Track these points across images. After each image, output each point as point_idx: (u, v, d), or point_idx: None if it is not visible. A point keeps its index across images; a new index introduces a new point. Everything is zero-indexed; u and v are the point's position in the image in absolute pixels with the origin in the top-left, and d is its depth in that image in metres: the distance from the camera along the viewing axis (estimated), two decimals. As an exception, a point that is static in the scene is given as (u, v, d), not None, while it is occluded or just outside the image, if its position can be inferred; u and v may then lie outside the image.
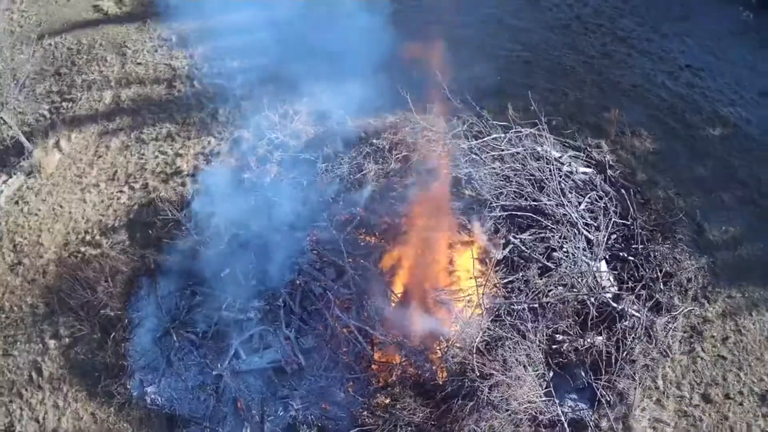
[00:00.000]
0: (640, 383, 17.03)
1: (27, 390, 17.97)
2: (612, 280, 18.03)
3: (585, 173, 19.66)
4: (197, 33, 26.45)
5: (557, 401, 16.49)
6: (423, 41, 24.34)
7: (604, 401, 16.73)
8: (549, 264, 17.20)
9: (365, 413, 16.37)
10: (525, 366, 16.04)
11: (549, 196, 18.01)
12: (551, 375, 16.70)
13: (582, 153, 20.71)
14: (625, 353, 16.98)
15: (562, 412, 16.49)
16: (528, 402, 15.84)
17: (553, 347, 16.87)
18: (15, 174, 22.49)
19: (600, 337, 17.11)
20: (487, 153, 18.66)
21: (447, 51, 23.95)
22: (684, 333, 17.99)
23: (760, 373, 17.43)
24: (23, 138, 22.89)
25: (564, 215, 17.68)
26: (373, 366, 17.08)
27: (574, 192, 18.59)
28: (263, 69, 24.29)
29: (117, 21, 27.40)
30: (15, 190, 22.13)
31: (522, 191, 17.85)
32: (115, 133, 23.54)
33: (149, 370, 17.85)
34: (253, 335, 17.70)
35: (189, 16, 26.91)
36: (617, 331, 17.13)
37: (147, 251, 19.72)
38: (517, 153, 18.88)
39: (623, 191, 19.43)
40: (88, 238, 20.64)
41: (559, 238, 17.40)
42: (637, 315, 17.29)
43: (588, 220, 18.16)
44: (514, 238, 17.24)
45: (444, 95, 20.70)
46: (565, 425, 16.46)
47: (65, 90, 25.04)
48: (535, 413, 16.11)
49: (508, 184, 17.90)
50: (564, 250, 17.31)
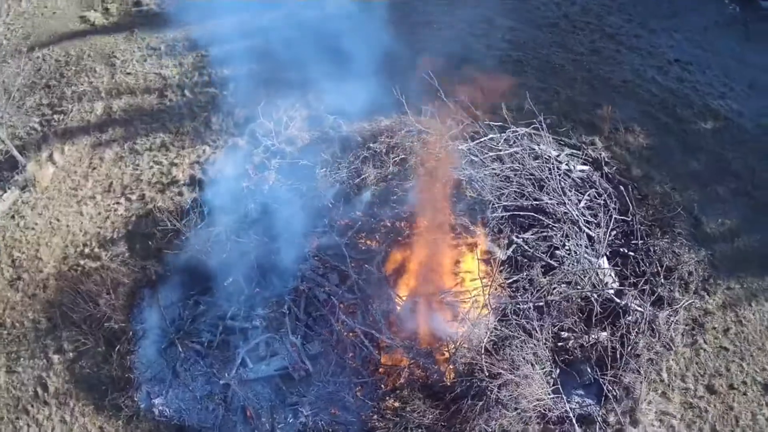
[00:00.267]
0: (645, 377, 17.22)
1: (33, 406, 17.86)
2: (614, 276, 18.20)
3: (582, 171, 19.83)
4: (187, 41, 26.37)
5: (565, 398, 16.66)
6: (414, 43, 24.70)
7: (611, 396, 16.91)
8: (552, 262, 17.34)
9: (375, 417, 16.44)
10: (532, 364, 16.18)
11: (549, 194, 18.15)
12: (558, 372, 16.87)
13: (579, 151, 20.85)
14: (630, 348, 17.16)
15: (569, 408, 16.67)
16: (537, 400, 15.98)
17: (559, 344, 17.01)
18: (9, 188, 22.31)
19: (604, 333, 17.29)
20: (486, 154, 18.71)
21: (439, 52, 24.33)
22: (686, 326, 18.22)
23: (762, 363, 17.69)
24: (15, 152, 22.72)
25: (565, 213, 17.83)
26: (381, 369, 17.14)
27: (573, 190, 18.75)
28: (255, 76, 24.30)
29: (104, 31, 27.24)
30: (10, 204, 21.96)
31: (523, 191, 17.97)
32: (109, 145, 23.41)
33: (156, 381, 17.80)
34: (259, 343, 17.68)
35: (177, 24, 27.06)
36: (621, 327, 17.31)
37: (148, 262, 19.66)
38: (516, 153, 18.98)
39: (621, 188, 19.62)
40: (87, 250, 20.53)
41: (561, 236, 17.55)
42: (640, 310, 17.47)
43: (588, 217, 18.33)
44: (516, 237, 17.36)
45: (438, 97, 20.87)
46: (574, 421, 16.63)
47: (55, 102, 24.87)
48: (544, 410, 16.27)
49: (509, 184, 18.01)
50: (566, 248, 17.47)
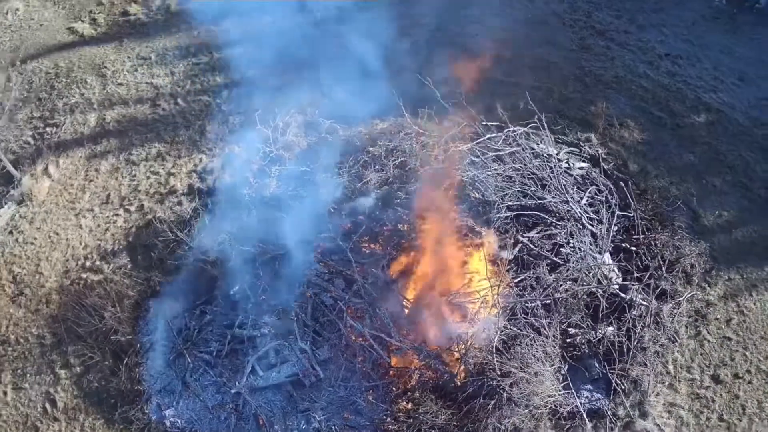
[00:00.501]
0: (652, 370, 17.46)
1: (42, 422, 17.77)
2: (617, 271, 18.40)
3: (582, 168, 20.03)
4: (177, 49, 26.29)
5: (575, 393, 16.85)
6: (405, 45, 24.74)
7: (619, 389, 17.14)
8: (557, 260, 17.51)
9: (388, 420, 16.53)
10: (542, 361, 16.33)
11: (551, 193, 18.31)
12: (566, 368, 17.05)
13: (576, 148, 21.05)
14: (636, 342, 17.38)
15: (580, 403, 16.86)
16: (548, 396, 16.15)
17: (567, 341, 17.19)
18: (6, 203, 22.13)
19: (610, 328, 17.50)
20: (487, 154, 18.83)
21: (431, 53, 24.44)
22: (689, 318, 18.50)
23: (765, 351, 18.00)
24: (10, 166, 22.53)
25: (568, 211, 18.01)
26: (391, 372, 17.23)
27: (575, 187, 18.93)
28: (248, 82, 24.28)
29: (93, 42, 27.01)
30: (7, 220, 21.77)
31: (526, 190, 18.12)
32: (104, 156, 23.26)
33: (166, 393, 17.77)
34: (269, 351, 17.70)
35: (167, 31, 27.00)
36: (627, 321, 17.51)
37: (151, 273, 19.60)
38: (516, 152, 19.13)
39: (621, 183, 19.84)
40: (88, 264, 20.43)
41: (565, 234, 17.72)
42: (645, 304, 17.70)
43: (591, 214, 18.52)
44: (522, 237, 17.51)
45: (435, 98, 20.99)
46: (584, 416, 16.84)
47: (47, 115, 24.66)
48: (555, 407, 16.45)
49: (511, 184, 18.15)
50: (571, 245, 17.64)
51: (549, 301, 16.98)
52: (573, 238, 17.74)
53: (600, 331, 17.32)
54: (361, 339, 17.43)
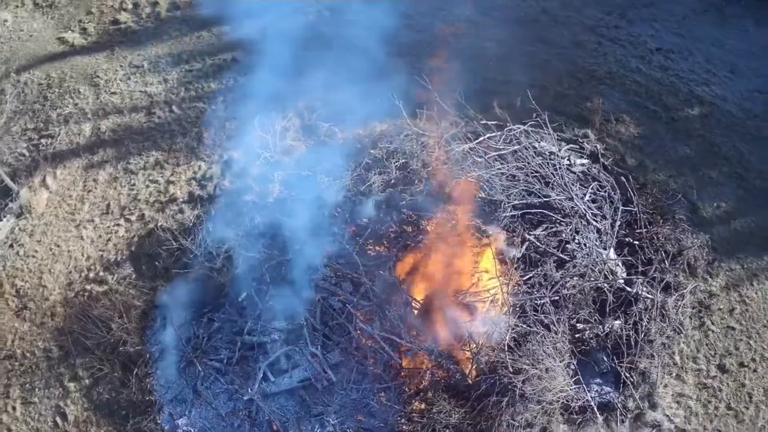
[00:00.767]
0: (659, 361, 17.70)
1: (54, 436, 17.76)
2: (621, 265, 18.62)
3: (583, 164, 20.23)
4: (170, 56, 26.21)
5: (585, 387, 17.06)
6: (397, 46, 24.80)
7: (628, 382, 17.37)
8: (564, 256, 17.69)
9: (402, 421, 16.63)
10: (553, 357, 16.50)
11: (555, 190, 18.48)
12: (575, 363, 17.24)
13: (576, 144, 21.24)
14: (643, 334, 17.61)
15: (590, 397, 17.07)
16: (560, 391, 16.32)
17: (576, 336, 17.38)
18: (5, 217, 21.94)
19: (617, 322, 17.72)
20: (489, 154, 18.97)
21: (425, 53, 24.50)
22: (693, 309, 18.79)
23: (769, 339, 18.33)
24: (7, 179, 22.37)
25: (572, 208, 18.19)
26: (403, 373, 17.33)
27: (578, 184, 19.12)
28: (243, 87, 24.29)
29: (84, 52, 26.82)
30: (7, 233, 21.61)
31: (530, 189, 18.27)
32: (101, 166, 23.14)
33: (177, 402, 17.76)
34: (280, 356, 17.74)
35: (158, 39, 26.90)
36: (633, 314, 17.74)
37: (157, 283, 19.56)
38: (518, 151, 19.28)
39: (622, 179, 20.06)
40: (91, 275, 20.35)
41: (571, 230, 17.91)
42: (650, 297, 17.93)
43: (594, 210, 18.71)
44: (528, 235, 17.67)
45: (433, 98, 21.07)
46: (595, 409, 17.05)
47: (42, 126, 24.46)
48: (567, 401, 16.64)
49: (516, 183, 18.30)
50: (576, 241, 17.83)
51: (557, 298, 17.14)
52: (578, 234, 17.92)
53: (607, 325, 17.54)
54: (372, 341, 17.51)
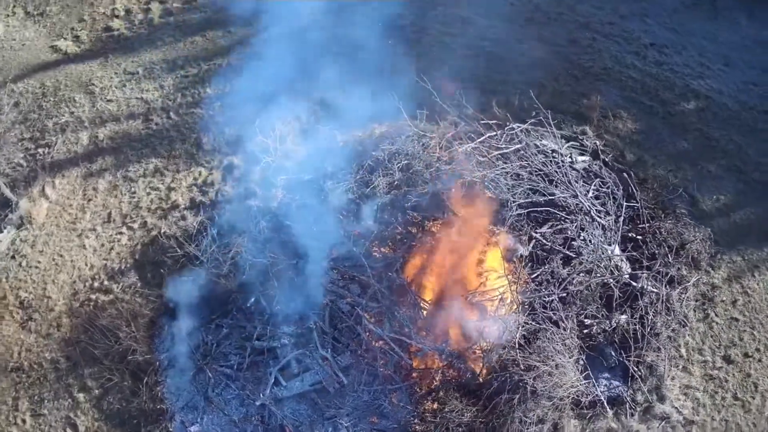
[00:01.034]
0: (666, 354, 17.91)
1: (65, 447, 17.72)
2: (625, 260, 18.81)
3: (584, 161, 20.40)
4: (164, 62, 26.14)
5: (594, 382, 17.24)
6: (393, 47, 24.84)
7: (637, 375, 17.58)
8: (570, 253, 17.85)
9: (416, 421, 16.74)
10: (563, 353, 16.66)
11: (559, 188, 18.63)
12: (584, 358, 17.41)
13: (576, 141, 21.41)
14: (650, 328, 17.81)
15: (599, 392, 17.25)
16: (571, 387, 16.48)
17: (584, 331, 17.56)
18: (5, 228, 21.82)
19: (624, 316, 17.91)
20: (492, 153, 19.08)
21: (419, 54, 24.61)
22: (696, 301, 19.03)
23: (772, 329, 18.60)
24: (6, 190, 22.23)
25: (577, 205, 18.35)
26: (414, 374, 17.44)
27: (581, 181, 19.29)
28: (240, 92, 24.23)
29: (78, 59, 26.69)
30: (8, 244, 21.49)
31: (535, 187, 18.41)
32: (101, 174, 23.05)
33: (189, 409, 17.77)
34: (291, 360, 17.79)
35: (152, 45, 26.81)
36: (639, 308, 17.93)
37: (163, 291, 19.52)
38: (521, 149, 19.41)
39: (624, 175, 20.27)
40: (96, 284, 20.29)
41: (576, 227, 18.06)
42: (656, 291, 18.13)
43: (598, 206, 18.89)
44: (534, 233, 17.82)
45: (433, 98, 21.17)
46: (605, 404, 17.24)
47: (38, 136, 24.33)
48: (577, 397, 16.80)
49: (521, 181, 18.42)
50: (582, 238, 17.99)
51: (565, 294, 17.31)
52: (583, 231, 18.08)
53: (614, 320, 17.74)
54: (381, 342, 17.61)
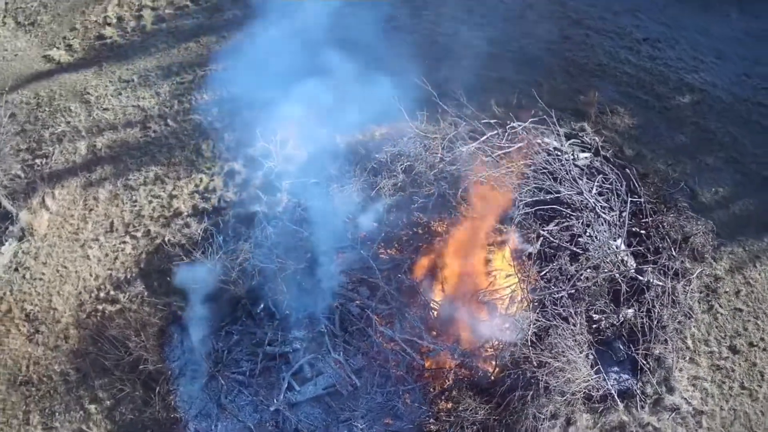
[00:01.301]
0: (673, 346, 18.15)
1: (79, 459, 17.69)
2: (630, 255, 19.02)
3: (585, 158, 20.60)
4: (159, 69, 26.07)
5: (605, 376, 17.46)
6: (388, 48, 24.92)
7: (645, 368, 17.80)
8: (577, 250, 18.03)
9: (430, 420, 16.87)
10: (574, 349, 16.84)
11: (564, 185, 18.80)
12: (594, 352, 17.62)
13: (577, 138, 21.61)
14: (657, 321, 18.03)
15: (610, 385, 17.47)
16: (583, 382, 16.68)
17: (593, 326, 17.75)
18: (6, 241, 21.69)
19: (630, 310, 18.12)
20: (496, 152, 19.21)
21: (415, 54, 24.66)
22: (700, 293, 19.27)
23: (776, 318, 18.90)
24: (6, 202, 22.10)
25: (581, 202, 18.54)
26: (426, 374, 17.57)
27: (584, 178, 19.48)
28: (238, 97, 24.25)
29: (72, 68, 26.52)
30: (11, 257, 21.36)
31: (541, 185, 18.57)
32: (101, 183, 22.96)
33: (202, 417, 17.80)
34: (303, 365, 17.87)
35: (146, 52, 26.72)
36: (646, 302, 18.16)
37: (171, 299, 19.52)
38: (524, 148, 19.55)
39: (627, 170, 20.49)
40: (102, 295, 20.23)
41: (582, 224, 18.26)
42: (661, 284, 18.37)
43: (602, 203, 19.10)
44: (542, 230, 17.99)
45: (432, 99, 21.24)
46: (616, 397, 17.46)
47: (35, 146, 24.16)
48: (588, 391, 17.00)
49: (526, 180, 18.58)
50: (588, 234, 18.18)
51: (573, 291, 17.49)
52: (589, 227, 18.28)
53: (622, 314, 17.94)
54: (393, 344, 17.73)
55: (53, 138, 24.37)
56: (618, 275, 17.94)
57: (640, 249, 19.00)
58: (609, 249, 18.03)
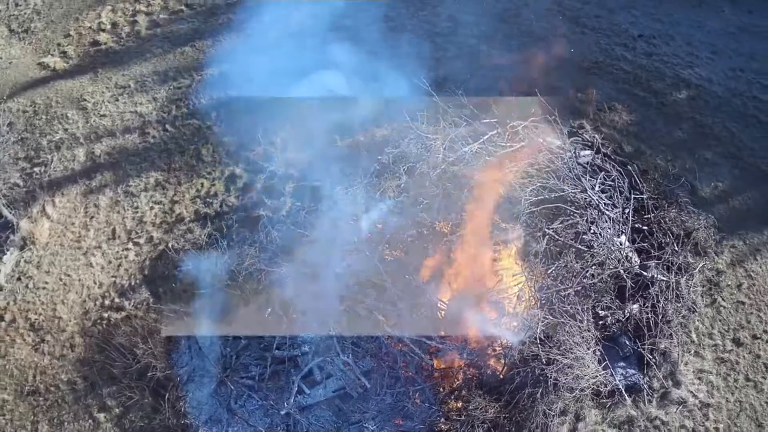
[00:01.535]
0: (678, 340, 18.33)
1: (90, 468, 17.67)
2: (634, 250, 19.17)
3: (586, 155, 20.73)
4: (155, 74, 25.99)
5: (612, 371, 17.60)
6: (385, 48, 24.96)
7: (652, 363, 17.96)
8: (582, 247, 18.15)
9: (441, 420, 16.96)
10: (581, 346, 16.97)
11: (567, 183, 18.90)
12: (601, 348, 17.76)
13: (578, 136, 21.75)
14: (661, 316, 18.20)
15: (617, 380, 17.62)
16: (592, 378, 16.81)
17: (599, 323, 17.89)
18: (8, 250, 21.59)
19: (636, 306, 18.28)
20: (498, 152, 19.31)
21: (414, 54, 24.72)
22: (703, 287, 19.45)
23: (778, 310, 19.12)
24: (6, 211, 21.99)
25: (585, 199, 18.67)
26: (435, 374, 17.65)
27: (587, 176, 19.61)
28: (236, 101, 24.25)
29: (67, 75, 26.42)
30: (13, 266, 21.27)
31: (545, 184, 18.66)
32: (101, 190, 22.89)
33: (213, 423, 17.83)
34: (312, 368, 17.90)
35: (141, 57, 26.63)
36: (650, 297, 18.32)
37: (177, 305, 19.49)
38: (526, 147, 19.65)
39: (628, 167, 20.64)
40: (107, 302, 20.20)
41: (586, 222, 18.38)
42: (665, 279, 18.53)
43: (606, 200, 19.24)
44: (547, 229, 18.10)
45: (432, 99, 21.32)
46: (623, 392, 17.62)
47: (33, 154, 24.06)
48: (596, 387, 17.13)
49: (531, 179, 18.67)
50: (592, 232, 18.31)
51: (580, 288, 17.61)
52: (593, 225, 18.41)
53: (627, 310, 18.09)
54: (401, 345, 17.79)
55: (51, 146, 24.27)
56: (623, 271, 18.08)
57: (643, 245, 19.15)
58: (613, 246, 18.17)
